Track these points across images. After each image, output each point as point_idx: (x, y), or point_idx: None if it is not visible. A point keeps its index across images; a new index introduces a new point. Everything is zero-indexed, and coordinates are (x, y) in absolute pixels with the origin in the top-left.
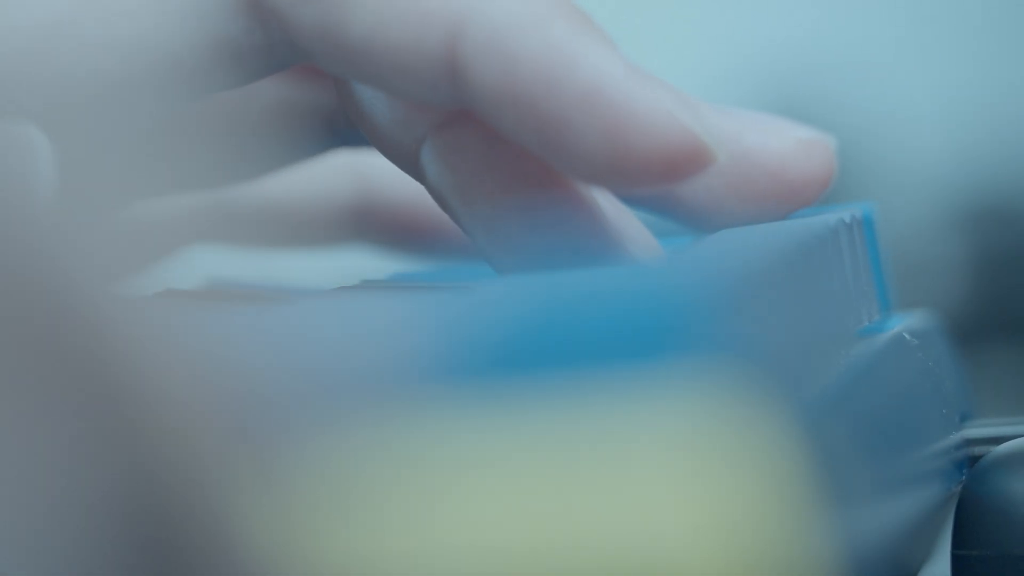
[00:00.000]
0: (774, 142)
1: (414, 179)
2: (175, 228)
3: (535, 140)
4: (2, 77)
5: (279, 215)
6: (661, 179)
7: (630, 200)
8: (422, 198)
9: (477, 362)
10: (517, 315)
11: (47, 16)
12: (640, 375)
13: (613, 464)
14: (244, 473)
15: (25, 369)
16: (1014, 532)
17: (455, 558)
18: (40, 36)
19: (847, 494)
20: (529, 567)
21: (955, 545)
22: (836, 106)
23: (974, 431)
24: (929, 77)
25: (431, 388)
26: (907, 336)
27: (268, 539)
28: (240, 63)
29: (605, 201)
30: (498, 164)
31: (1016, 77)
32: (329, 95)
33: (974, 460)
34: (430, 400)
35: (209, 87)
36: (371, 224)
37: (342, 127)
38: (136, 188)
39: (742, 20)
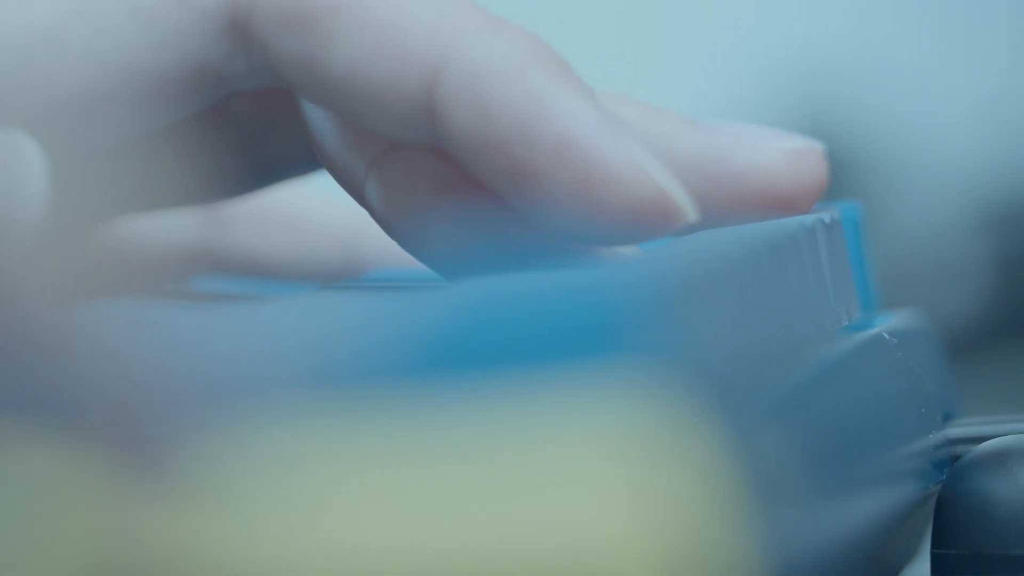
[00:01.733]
0: (762, 157)
1: (359, 203)
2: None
3: (506, 187)
4: None
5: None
6: (630, 234)
7: None
8: None
9: (411, 361)
10: (447, 315)
11: (31, 28)
12: (570, 376)
13: (541, 465)
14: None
15: None
16: (990, 531)
17: (385, 558)
18: (23, 48)
19: (809, 493)
20: (460, 567)
21: (934, 544)
22: (859, 108)
23: (957, 430)
24: (953, 79)
25: (358, 388)
26: (886, 336)
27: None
28: (220, 85)
29: None
30: (451, 187)
31: None
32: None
33: (956, 460)
34: (358, 400)
35: (189, 107)
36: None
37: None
38: (120, 201)
39: (766, 23)
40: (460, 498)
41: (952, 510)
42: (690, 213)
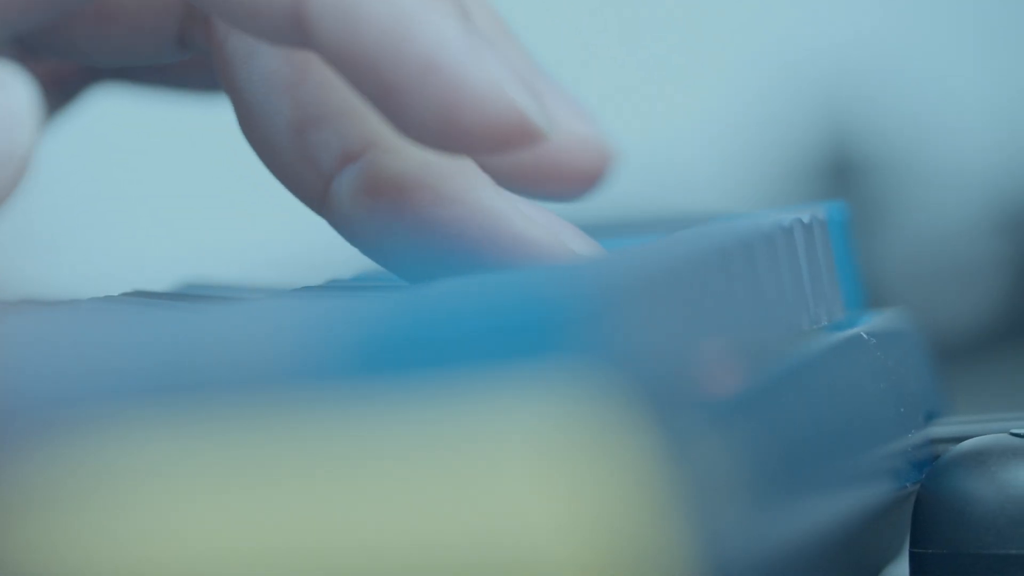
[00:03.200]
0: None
1: (316, 212)
2: None
3: (373, 100)
4: None
5: None
6: (488, 151)
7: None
8: None
9: (344, 362)
10: (384, 316)
11: None
12: (502, 377)
13: (476, 466)
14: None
15: None
16: (968, 531)
17: (320, 556)
18: None
19: (771, 491)
20: (394, 565)
21: (913, 543)
22: (879, 109)
23: (939, 430)
24: (972, 80)
25: (298, 387)
26: (864, 336)
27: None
28: None
29: (523, 213)
30: (410, 193)
31: None
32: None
33: (937, 459)
34: (298, 399)
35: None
36: None
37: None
38: None
39: (787, 22)
40: (396, 497)
41: (930, 509)
42: (548, 134)
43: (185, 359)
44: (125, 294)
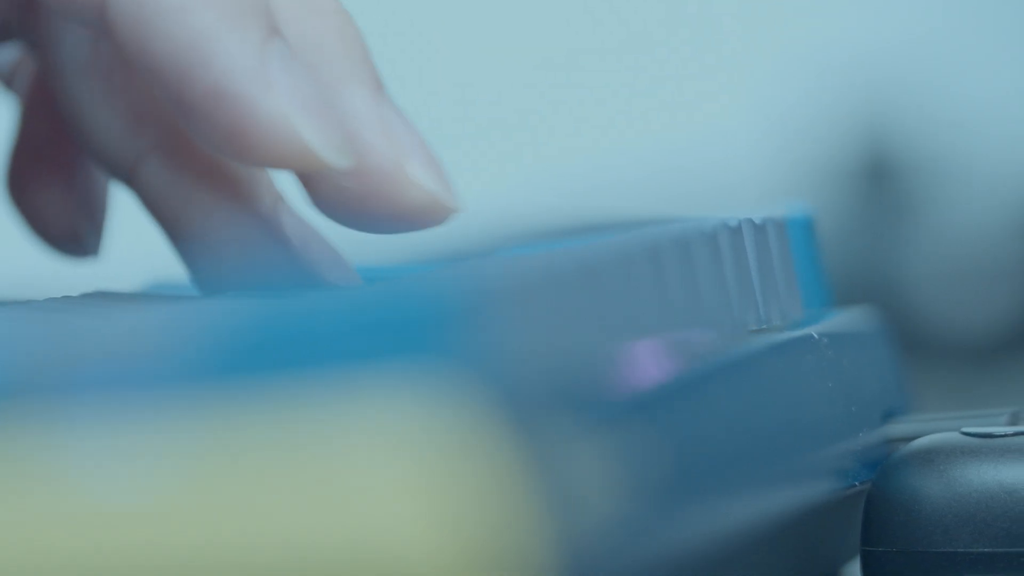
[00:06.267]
0: (406, 176)
1: (129, 193)
2: None
3: (171, 107)
4: None
5: None
6: (280, 170)
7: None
8: None
9: (209, 363)
10: (246, 318)
11: None
12: (363, 378)
13: (333, 465)
14: None
15: None
16: (917, 529)
17: (186, 557)
18: None
19: (688, 490)
20: (256, 567)
21: (864, 541)
22: (918, 109)
23: (895, 428)
24: (1011, 82)
25: (164, 392)
26: (815, 335)
27: None
28: None
29: (298, 225)
30: (208, 185)
31: None
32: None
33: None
34: (167, 402)
35: None
36: None
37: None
38: None
39: (826, 26)
40: (259, 498)
41: (880, 507)
42: (339, 165)
43: (49, 360)
44: (86, 294)
